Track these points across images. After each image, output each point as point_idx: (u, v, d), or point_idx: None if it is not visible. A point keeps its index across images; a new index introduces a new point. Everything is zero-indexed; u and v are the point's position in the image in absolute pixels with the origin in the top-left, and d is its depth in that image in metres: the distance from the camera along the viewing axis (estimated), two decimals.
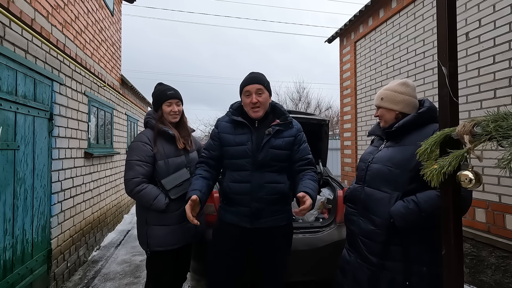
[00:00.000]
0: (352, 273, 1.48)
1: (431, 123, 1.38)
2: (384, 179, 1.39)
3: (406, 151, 1.34)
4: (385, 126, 1.50)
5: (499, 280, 2.53)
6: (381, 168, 1.41)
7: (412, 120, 1.38)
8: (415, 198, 1.29)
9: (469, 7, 2.89)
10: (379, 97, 1.52)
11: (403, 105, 1.45)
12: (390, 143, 1.47)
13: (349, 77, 5.39)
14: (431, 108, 1.41)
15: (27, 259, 2.27)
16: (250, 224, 1.64)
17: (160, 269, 1.84)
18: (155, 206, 1.75)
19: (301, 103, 19.78)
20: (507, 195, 2.52)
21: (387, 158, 1.41)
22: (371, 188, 1.45)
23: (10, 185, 2.06)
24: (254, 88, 1.63)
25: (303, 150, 1.73)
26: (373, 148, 1.58)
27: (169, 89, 1.93)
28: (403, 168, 1.34)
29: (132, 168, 1.77)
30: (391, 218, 1.32)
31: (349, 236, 1.58)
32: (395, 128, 1.41)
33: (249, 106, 1.64)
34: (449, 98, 0.96)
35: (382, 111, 1.50)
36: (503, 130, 0.77)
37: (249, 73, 1.73)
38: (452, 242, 0.96)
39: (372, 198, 1.43)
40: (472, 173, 0.86)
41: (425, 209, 1.25)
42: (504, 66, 2.56)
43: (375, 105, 1.56)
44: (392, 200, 1.35)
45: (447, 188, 0.97)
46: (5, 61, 2.02)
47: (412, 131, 1.39)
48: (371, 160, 1.49)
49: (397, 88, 1.48)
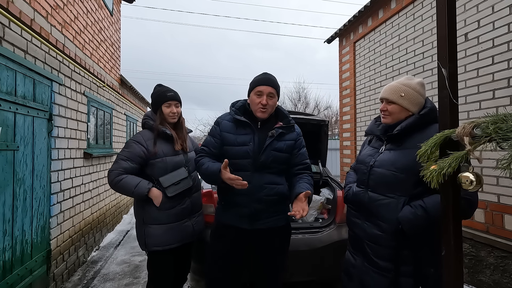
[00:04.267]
0: (358, 277, 1.47)
1: (432, 124, 1.34)
2: (390, 184, 1.36)
3: (410, 155, 1.28)
4: (390, 123, 1.43)
5: (498, 280, 2.54)
6: (385, 172, 1.37)
7: (415, 122, 1.35)
8: (422, 204, 1.27)
9: (468, 8, 2.90)
10: (397, 93, 1.38)
11: (419, 108, 1.38)
12: (391, 146, 1.42)
13: (349, 77, 5.40)
14: (432, 109, 1.38)
15: (27, 260, 2.27)
16: (249, 225, 1.63)
17: (160, 269, 1.84)
18: (137, 192, 1.74)
19: (300, 103, 19.81)
20: (505, 195, 2.53)
21: (390, 162, 1.37)
22: (376, 193, 1.41)
23: (9, 186, 2.06)
24: (267, 90, 1.61)
25: (302, 154, 1.74)
26: (372, 150, 1.52)
27: (168, 90, 1.93)
28: (408, 173, 1.30)
29: (117, 162, 1.80)
30: (399, 223, 1.30)
31: (353, 239, 1.55)
32: (397, 131, 1.37)
33: (258, 106, 1.62)
34: (449, 99, 0.96)
35: (396, 108, 1.39)
36: (502, 132, 0.77)
37: (262, 73, 1.70)
38: (452, 243, 0.97)
39: (378, 204, 1.39)
40: (473, 174, 0.86)
41: (433, 214, 1.23)
42: (503, 67, 2.57)
43: (388, 99, 1.42)
44: (399, 206, 1.32)
45: (447, 190, 0.97)
46: (4, 62, 2.02)
47: (413, 133, 1.35)
48: (373, 164, 1.44)
49: (418, 89, 1.38)
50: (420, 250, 1.32)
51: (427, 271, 1.30)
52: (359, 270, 1.46)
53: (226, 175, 1.51)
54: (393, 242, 1.33)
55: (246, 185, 1.48)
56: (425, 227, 1.26)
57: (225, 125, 1.71)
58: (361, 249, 1.47)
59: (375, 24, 4.54)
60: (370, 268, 1.41)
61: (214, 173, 1.56)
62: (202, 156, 1.73)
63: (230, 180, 1.50)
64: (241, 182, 1.48)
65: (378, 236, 1.38)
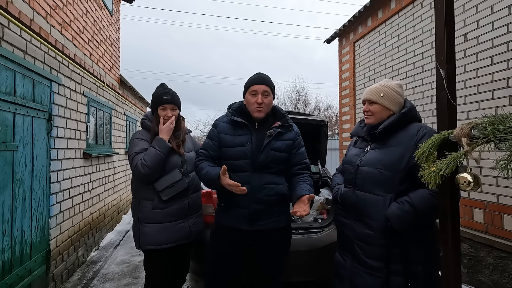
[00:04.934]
0: (349, 278, 1.47)
1: (412, 122, 1.42)
2: (376, 182, 1.40)
3: (394, 152, 1.37)
4: (374, 123, 1.50)
5: (497, 280, 2.54)
6: (372, 171, 1.42)
7: (397, 120, 1.42)
8: (408, 199, 1.31)
9: (468, 8, 2.90)
10: (378, 93, 1.48)
11: (398, 107, 1.47)
12: (376, 145, 1.48)
13: (348, 77, 5.40)
14: (412, 108, 1.46)
15: (26, 260, 2.27)
16: (249, 226, 1.63)
17: (156, 269, 1.84)
18: (162, 148, 1.77)
19: (300, 103, 19.82)
20: (505, 195, 2.53)
21: (376, 160, 1.42)
22: (364, 191, 1.44)
23: (8, 186, 2.06)
24: (261, 88, 1.63)
25: (301, 154, 1.74)
26: (358, 150, 1.57)
27: (166, 93, 1.91)
28: (394, 170, 1.35)
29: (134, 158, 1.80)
30: (387, 221, 1.33)
31: (342, 240, 1.58)
32: (380, 129, 1.43)
33: (254, 105, 1.64)
34: (447, 100, 0.96)
35: (378, 108, 1.48)
36: (500, 133, 0.77)
37: (256, 73, 1.73)
38: (450, 243, 0.97)
39: (366, 202, 1.42)
40: (470, 175, 0.87)
41: (420, 208, 1.27)
42: (502, 67, 2.57)
43: (369, 100, 1.51)
44: (386, 203, 1.35)
45: (445, 190, 0.97)
46: (3, 62, 2.02)
47: (396, 131, 1.42)
48: (359, 163, 1.49)
49: (397, 89, 1.48)
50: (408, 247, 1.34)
51: (415, 268, 1.32)
52: (349, 271, 1.47)
53: (225, 181, 1.53)
54: (383, 241, 1.35)
55: (245, 190, 1.50)
56: (413, 222, 1.29)
57: (222, 126, 1.72)
58: (350, 250, 1.49)
59: (374, 24, 4.55)
60: (360, 268, 1.42)
61: (213, 179, 1.58)
62: (201, 159, 1.74)
63: (229, 186, 1.51)
64: (240, 188, 1.49)
65: (368, 235, 1.40)
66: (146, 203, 1.82)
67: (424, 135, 1.32)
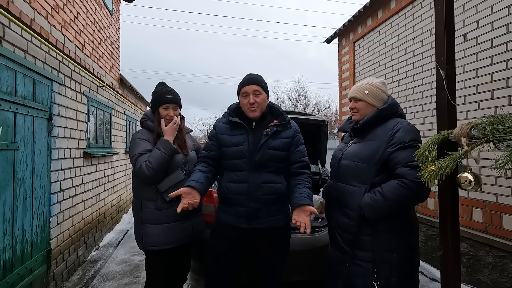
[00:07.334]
0: (334, 268, 1.57)
1: (392, 118, 1.47)
2: (353, 174, 1.49)
3: (370, 146, 1.44)
4: (359, 119, 1.56)
5: (496, 279, 2.55)
6: (349, 163, 1.51)
7: (375, 116, 1.48)
8: (379, 189, 1.38)
9: (467, 8, 2.91)
10: (362, 91, 1.55)
11: (382, 103, 1.53)
12: (357, 139, 1.56)
13: (348, 77, 5.41)
14: (392, 104, 1.51)
15: (27, 259, 2.27)
16: (247, 224, 1.64)
17: (158, 269, 1.84)
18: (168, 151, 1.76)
19: (300, 103, 19.82)
20: (504, 195, 2.54)
21: (354, 153, 1.50)
22: (343, 183, 1.54)
23: (9, 186, 2.06)
24: (251, 89, 1.65)
25: (299, 151, 1.74)
26: (343, 145, 1.67)
27: (168, 92, 1.89)
28: (369, 162, 1.43)
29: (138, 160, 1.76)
30: (361, 210, 1.41)
31: (330, 232, 1.68)
32: (360, 124, 1.50)
33: (247, 106, 1.67)
34: (447, 100, 0.97)
35: (363, 105, 1.55)
36: (499, 133, 0.78)
37: (246, 75, 1.75)
38: (450, 243, 0.98)
39: (344, 193, 1.52)
40: (471, 175, 0.88)
41: (390, 197, 1.33)
42: (501, 67, 2.58)
43: (355, 97, 1.58)
44: (361, 193, 1.43)
45: (445, 189, 0.98)
46: (4, 62, 2.02)
47: (375, 126, 1.48)
48: (341, 157, 1.58)
49: (380, 86, 1.55)
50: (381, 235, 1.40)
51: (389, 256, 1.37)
52: (334, 260, 1.57)
53: (181, 193, 1.61)
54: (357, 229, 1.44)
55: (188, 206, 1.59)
56: (385, 211, 1.35)
57: (221, 127, 1.77)
58: (334, 239, 1.59)
59: (374, 24, 4.55)
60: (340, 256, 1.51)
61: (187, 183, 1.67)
62: (199, 161, 1.84)
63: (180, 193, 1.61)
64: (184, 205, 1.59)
65: (346, 223, 1.49)
66: (149, 204, 1.81)
67: (398, 130, 1.38)
